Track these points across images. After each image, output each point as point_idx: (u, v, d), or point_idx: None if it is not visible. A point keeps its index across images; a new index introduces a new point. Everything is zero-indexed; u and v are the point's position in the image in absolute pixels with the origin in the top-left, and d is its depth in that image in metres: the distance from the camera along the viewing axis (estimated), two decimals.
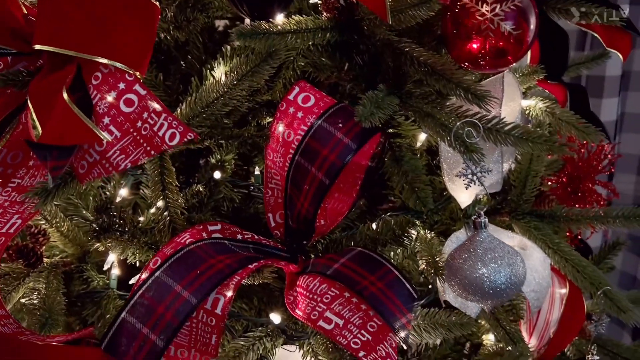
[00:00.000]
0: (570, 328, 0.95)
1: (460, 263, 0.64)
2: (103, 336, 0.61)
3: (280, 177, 0.75)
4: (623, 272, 2.00)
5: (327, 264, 0.70)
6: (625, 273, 1.99)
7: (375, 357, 0.59)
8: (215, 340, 0.66)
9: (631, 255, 2.00)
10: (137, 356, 0.60)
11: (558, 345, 0.94)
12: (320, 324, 0.63)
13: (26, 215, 0.68)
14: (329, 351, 0.66)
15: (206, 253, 0.64)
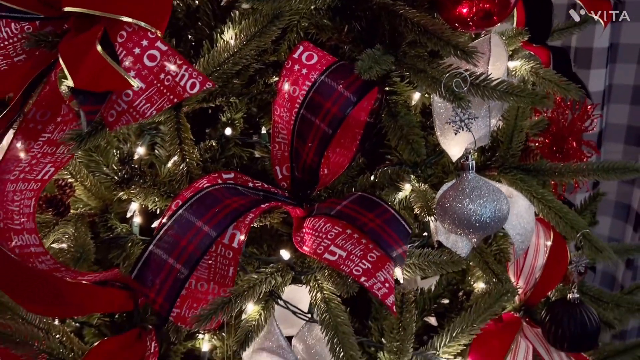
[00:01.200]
0: (554, 274, 1.03)
1: (450, 201, 0.72)
2: (132, 267, 0.68)
3: (287, 131, 0.82)
4: (611, 238, 2.08)
5: (330, 206, 0.77)
6: (612, 239, 2.08)
7: (375, 282, 0.67)
8: (233, 272, 0.73)
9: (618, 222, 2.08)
10: (164, 284, 0.67)
11: (543, 290, 1.02)
12: (326, 256, 0.71)
13: (58, 163, 0.75)
14: (335, 281, 0.74)
15: (222, 195, 0.72)
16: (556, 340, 0.91)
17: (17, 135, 0.77)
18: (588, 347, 0.92)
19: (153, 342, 0.84)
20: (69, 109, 0.77)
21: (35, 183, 0.74)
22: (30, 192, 0.73)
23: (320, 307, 0.77)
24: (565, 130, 1.14)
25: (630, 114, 2.00)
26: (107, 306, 0.84)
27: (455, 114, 0.70)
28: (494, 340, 0.91)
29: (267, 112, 0.95)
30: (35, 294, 0.76)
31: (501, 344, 0.92)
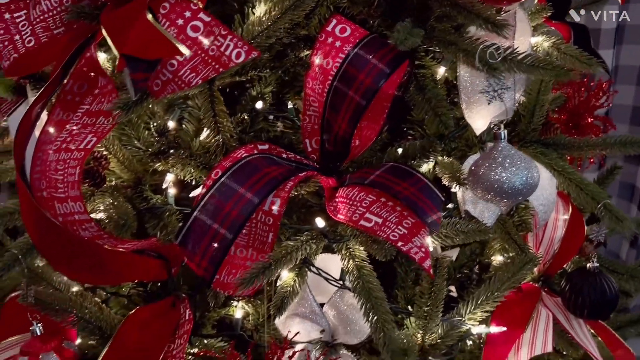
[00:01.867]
0: (571, 246, 1.05)
1: (483, 169, 0.74)
2: (177, 233, 0.70)
3: (319, 104, 0.84)
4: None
5: (363, 176, 0.79)
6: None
7: (412, 247, 0.69)
8: (272, 239, 0.76)
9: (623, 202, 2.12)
10: (209, 248, 0.69)
11: (560, 261, 1.05)
12: (362, 223, 0.73)
13: (99, 133, 0.77)
14: (370, 247, 0.76)
15: (261, 164, 0.74)
16: (576, 308, 0.94)
17: (56, 107, 0.79)
18: (607, 315, 0.95)
19: (187, 310, 0.87)
20: (107, 81, 0.79)
21: (79, 152, 0.76)
22: (74, 161, 0.75)
23: (352, 273, 0.80)
24: (581, 106, 1.16)
25: (636, 94, 2.02)
26: (143, 275, 0.86)
27: (489, 85, 0.72)
28: (516, 308, 0.94)
29: (292, 87, 0.97)
30: (76, 261, 0.79)
31: (523, 311, 0.95)
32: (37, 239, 0.77)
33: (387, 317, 0.77)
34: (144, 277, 0.88)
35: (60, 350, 0.79)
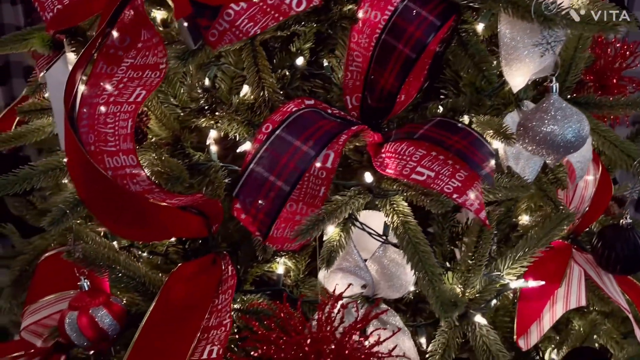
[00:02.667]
0: (600, 205, 1.07)
1: (535, 123, 0.74)
2: (233, 185, 0.70)
3: (363, 58, 0.83)
4: None
5: (410, 131, 0.79)
6: None
7: (467, 198, 0.70)
8: (324, 192, 0.76)
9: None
10: (265, 200, 0.69)
11: (590, 219, 1.06)
12: (414, 176, 0.73)
13: (148, 86, 0.76)
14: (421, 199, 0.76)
15: (313, 118, 0.73)
16: (609, 264, 0.96)
17: (98, 61, 0.78)
18: (637, 269, 0.97)
19: (229, 266, 0.88)
20: (152, 34, 0.77)
21: (129, 105, 0.75)
22: (125, 114, 0.74)
23: (398, 229, 0.81)
24: (608, 66, 1.17)
25: None
26: (186, 231, 0.86)
27: (542, 37, 0.72)
28: (550, 264, 0.96)
29: (326, 45, 0.96)
30: (123, 216, 0.79)
31: (557, 267, 0.97)
32: (84, 193, 0.77)
33: (435, 270, 0.78)
34: (186, 234, 0.88)
35: (109, 304, 0.80)
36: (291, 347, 0.72)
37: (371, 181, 0.81)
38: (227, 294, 0.84)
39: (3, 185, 0.80)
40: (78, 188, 0.76)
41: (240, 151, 0.82)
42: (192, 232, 0.86)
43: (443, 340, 0.86)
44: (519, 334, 0.93)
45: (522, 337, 0.93)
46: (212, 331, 0.80)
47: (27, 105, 0.99)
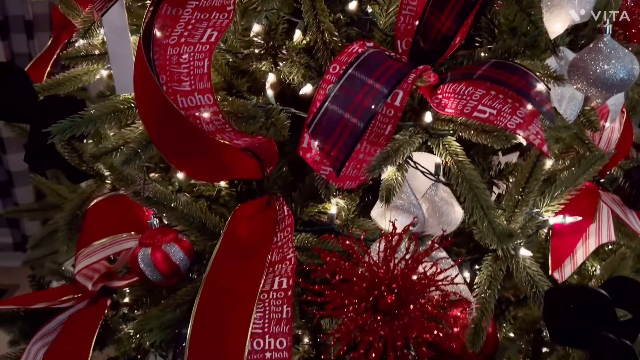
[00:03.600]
0: (623, 149, 1.13)
1: (589, 62, 0.78)
2: (310, 123, 0.73)
3: (418, 3, 0.85)
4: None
5: (468, 72, 0.83)
6: None
7: (529, 133, 0.74)
8: (390, 131, 0.79)
9: None
10: (340, 137, 0.72)
11: (613, 163, 1.12)
12: (476, 114, 0.77)
13: (219, 27, 0.77)
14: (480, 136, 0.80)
15: (381, 58, 0.76)
16: (636, 202, 1.02)
17: (163, 4, 0.79)
18: None
19: (284, 207, 0.91)
20: None
21: (202, 45, 0.76)
22: (200, 54, 0.76)
23: (452, 167, 0.85)
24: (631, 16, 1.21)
25: None
26: (245, 172, 0.89)
27: None
28: (582, 202, 1.01)
29: None
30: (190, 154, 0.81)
31: (588, 205, 1.02)
32: (154, 132, 0.78)
33: (490, 204, 0.83)
34: (244, 175, 0.91)
35: (179, 241, 0.83)
36: (363, 277, 0.77)
37: (428, 122, 0.84)
38: (286, 231, 0.88)
39: (69, 127, 0.81)
40: (148, 128, 0.78)
41: (301, 93, 0.84)
42: (250, 173, 0.89)
43: (488, 272, 0.92)
44: (553, 268, 0.99)
45: (557, 270, 0.99)
46: (277, 265, 0.84)
47: (73, 51, 0.99)
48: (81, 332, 1.01)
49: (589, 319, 0.77)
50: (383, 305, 0.76)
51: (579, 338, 0.78)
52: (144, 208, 1.03)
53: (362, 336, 0.76)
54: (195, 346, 0.75)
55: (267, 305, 0.78)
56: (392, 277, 0.78)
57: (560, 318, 0.79)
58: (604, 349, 0.78)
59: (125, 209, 1.01)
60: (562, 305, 0.79)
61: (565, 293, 0.81)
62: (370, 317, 0.76)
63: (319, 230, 0.93)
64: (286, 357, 0.74)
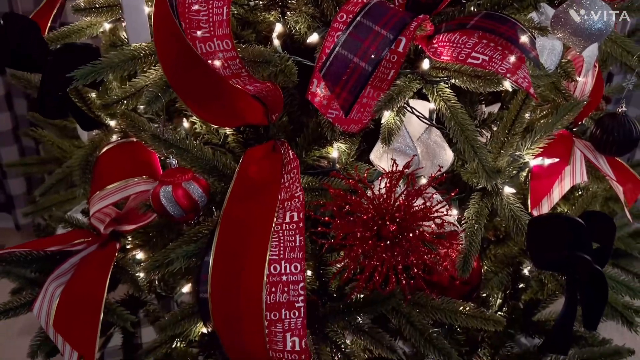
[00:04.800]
0: (594, 100, 1.23)
1: (569, 13, 0.87)
2: (322, 67, 0.80)
3: None
4: None
5: (461, 22, 0.90)
6: None
7: (518, 77, 0.82)
8: (392, 76, 0.86)
9: None
10: (349, 79, 0.79)
11: (585, 112, 1.22)
12: (470, 61, 0.85)
13: None
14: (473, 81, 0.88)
15: (386, 6, 0.83)
16: (606, 147, 1.12)
17: None
18: (630, 151, 1.14)
19: (289, 151, 0.98)
20: None
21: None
22: (218, 2, 0.81)
23: (445, 112, 0.93)
24: None
25: None
26: (254, 118, 0.95)
27: None
28: (558, 147, 1.11)
29: None
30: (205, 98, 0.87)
31: (564, 149, 1.12)
32: (173, 77, 0.84)
33: (480, 145, 0.91)
34: (254, 120, 0.97)
35: (196, 179, 0.89)
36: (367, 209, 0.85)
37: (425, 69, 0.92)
38: (292, 173, 0.95)
39: (91, 72, 0.85)
40: (167, 73, 0.84)
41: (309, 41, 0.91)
42: (258, 119, 0.95)
43: (475, 209, 1.01)
44: (532, 206, 1.09)
45: (535, 208, 1.10)
46: (286, 202, 0.91)
47: (84, 2, 1.03)
48: (95, 272, 1.07)
49: (567, 244, 0.87)
50: (386, 233, 0.85)
51: (557, 261, 0.88)
52: (152, 154, 1.09)
53: (367, 261, 0.85)
54: (218, 272, 0.83)
55: (281, 236, 0.85)
56: (393, 209, 0.86)
57: (542, 244, 0.89)
58: (579, 270, 0.88)
59: (135, 155, 1.07)
60: (543, 233, 0.89)
61: (546, 221, 0.91)
62: (374, 243, 0.84)
63: (321, 172, 1.00)
64: (300, 279, 0.82)
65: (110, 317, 1.05)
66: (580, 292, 0.93)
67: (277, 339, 0.82)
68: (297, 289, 0.82)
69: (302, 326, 0.82)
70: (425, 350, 0.93)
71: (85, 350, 1.01)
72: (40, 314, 1.06)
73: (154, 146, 0.90)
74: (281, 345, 0.83)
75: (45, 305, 1.06)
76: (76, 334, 1.02)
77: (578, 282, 0.92)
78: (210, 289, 0.82)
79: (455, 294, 1.07)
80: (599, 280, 0.93)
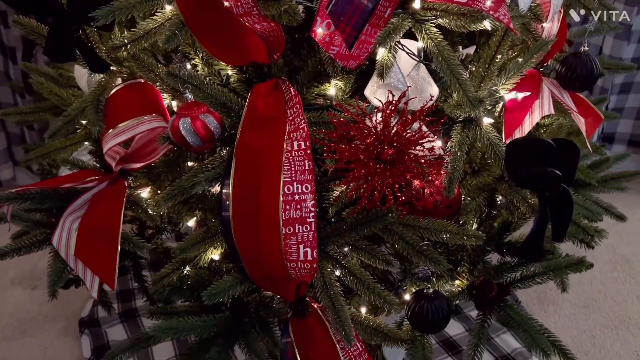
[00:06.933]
0: (560, 42, 1.35)
1: None
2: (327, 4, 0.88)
3: None
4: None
5: None
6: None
7: (499, 14, 0.93)
8: (389, 14, 0.95)
9: None
10: (353, 15, 0.89)
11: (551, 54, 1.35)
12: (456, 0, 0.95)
13: None
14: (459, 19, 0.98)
15: None
16: (570, 83, 1.25)
17: None
18: (591, 85, 1.27)
19: (290, 88, 1.07)
20: None
21: None
22: None
23: (432, 50, 1.03)
24: None
25: None
26: (259, 55, 1.03)
27: None
28: (528, 83, 1.23)
29: None
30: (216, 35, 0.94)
31: (533, 85, 1.25)
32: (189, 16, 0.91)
33: (464, 78, 1.02)
34: (259, 58, 1.05)
35: (211, 112, 0.97)
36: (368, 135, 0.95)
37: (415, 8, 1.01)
38: (295, 107, 1.04)
39: (109, 13, 0.92)
40: (183, 11, 0.91)
41: None
42: (262, 58, 1.04)
43: (457, 138, 1.13)
44: (506, 137, 1.22)
45: (509, 138, 1.22)
46: (292, 134, 1.01)
47: None
48: (109, 205, 1.15)
49: (540, 162, 1.00)
50: (385, 156, 0.95)
51: (532, 177, 1.01)
52: (158, 94, 1.16)
53: (368, 182, 0.96)
54: (238, 194, 0.92)
55: (291, 161, 0.95)
56: (391, 135, 0.97)
57: (518, 163, 1.02)
58: (550, 185, 1.01)
59: (144, 94, 1.14)
60: (519, 153, 1.02)
61: (522, 144, 1.03)
62: (374, 165, 0.95)
63: (321, 107, 1.10)
64: (311, 198, 0.93)
65: (127, 246, 1.13)
66: (550, 207, 1.07)
67: (291, 250, 0.93)
68: (307, 207, 0.93)
69: (313, 238, 0.94)
70: (417, 260, 1.05)
71: (106, 276, 1.10)
72: (60, 245, 1.14)
73: (171, 82, 0.98)
74: (295, 255, 0.94)
75: (64, 237, 1.13)
76: (97, 262, 1.10)
77: (548, 198, 1.06)
78: (232, 209, 0.92)
79: (438, 217, 1.20)
80: (566, 196, 1.07)
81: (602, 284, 2.20)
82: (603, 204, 1.47)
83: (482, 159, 1.33)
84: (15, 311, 1.99)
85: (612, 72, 1.48)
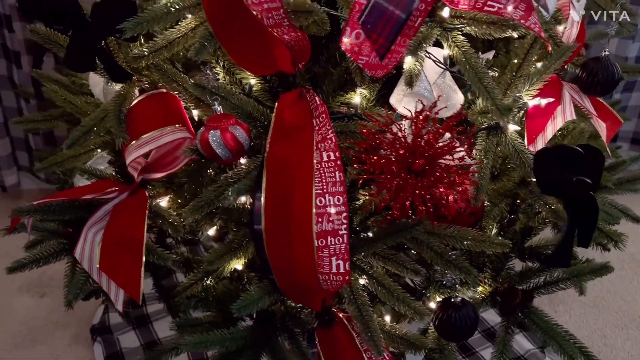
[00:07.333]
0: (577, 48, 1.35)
1: None
2: (360, 15, 0.87)
3: None
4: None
5: None
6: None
7: (530, 23, 0.92)
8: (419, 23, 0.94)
9: None
10: (385, 27, 0.88)
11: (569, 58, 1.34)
12: (486, 8, 0.94)
13: None
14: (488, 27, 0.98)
15: None
16: (591, 88, 1.25)
17: None
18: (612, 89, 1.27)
19: (315, 97, 1.06)
20: None
21: None
22: None
23: (460, 57, 1.02)
24: None
25: None
26: (283, 64, 1.02)
27: None
28: (550, 89, 1.23)
29: None
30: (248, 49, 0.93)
31: (555, 91, 1.24)
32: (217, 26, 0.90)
33: (492, 85, 1.01)
34: (284, 68, 1.04)
35: (239, 123, 0.96)
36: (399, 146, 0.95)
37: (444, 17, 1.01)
38: (322, 117, 1.03)
39: (137, 25, 0.90)
40: (212, 22, 0.90)
41: None
42: (287, 67, 1.03)
43: (482, 145, 1.13)
44: (528, 143, 1.22)
45: (532, 144, 1.22)
46: (320, 144, 1.00)
47: None
48: (132, 216, 1.13)
49: (569, 169, 1.00)
50: (415, 167, 0.95)
51: (562, 185, 1.01)
52: (180, 104, 1.14)
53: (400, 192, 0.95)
54: (270, 206, 0.91)
55: (322, 173, 0.94)
56: (421, 146, 0.96)
57: (547, 171, 1.02)
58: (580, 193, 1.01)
59: (167, 104, 1.12)
60: (548, 162, 1.01)
61: (550, 152, 1.03)
62: (406, 176, 0.95)
63: (346, 116, 1.09)
64: (343, 210, 0.92)
65: (151, 257, 1.12)
66: (577, 213, 1.06)
67: (324, 263, 0.93)
68: (340, 219, 0.92)
69: (346, 251, 0.93)
70: (446, 269, 1.05)
71: (131, 288, 1.09)
72: (83, 258, 1.12)
73: (199, 94, 0.97)
74: (327, 268, 0.93)
75: (87, 249, 1.12)
76: (121, 274, 1.09)
77: (575, 204, 1.06)
78: (264, 221, 0.91)
79: (462, 224, 1.19)
80: (592, 202, 1.07)
81: (610, 283, 2.21)
82: (619, 206, 1.47)
83: (502, 164, 1.33)
84: (24, 319, 1.97)
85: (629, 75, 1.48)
